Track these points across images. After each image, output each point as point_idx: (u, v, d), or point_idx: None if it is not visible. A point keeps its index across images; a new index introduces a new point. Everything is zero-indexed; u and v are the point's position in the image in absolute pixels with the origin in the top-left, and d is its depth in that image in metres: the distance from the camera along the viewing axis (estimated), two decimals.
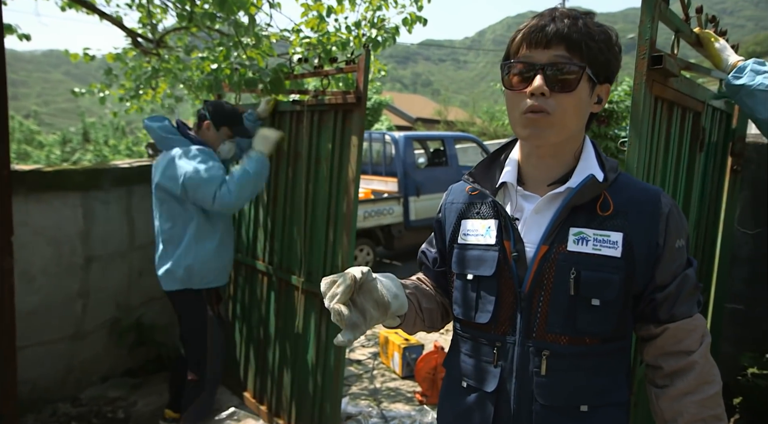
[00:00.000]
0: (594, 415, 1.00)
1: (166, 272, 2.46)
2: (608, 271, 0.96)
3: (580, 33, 0.93)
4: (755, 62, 1.56)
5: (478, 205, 1.09)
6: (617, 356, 1.03)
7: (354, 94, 2.29)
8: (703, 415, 0.97)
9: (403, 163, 7.31)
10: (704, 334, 1.02)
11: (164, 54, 3.65)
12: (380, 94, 15.59)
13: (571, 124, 0.97)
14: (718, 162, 2.28)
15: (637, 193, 1.01)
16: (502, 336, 1.03)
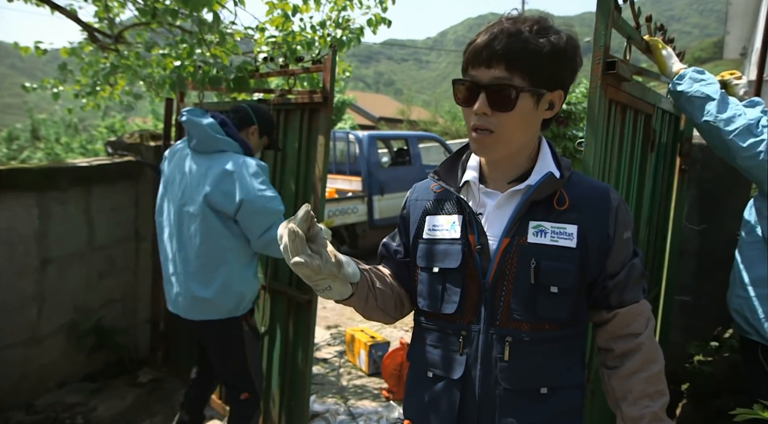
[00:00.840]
0: (553, 396, 1.07)
1: (203, 301, 2.03)
2: (565, 261, 1.03)
3: (519, 51, 0.96)
4: (694, 71, 1.67)
5: (443, 201, 1.14)
6: (573, 341, 1.11)
7: (321, 94, 2.30)
8: (649, 390, 1.06)
9: (367, 162, 7.34)
10: (649, 317, 1.12)
11: (123, 50, 3.56)
12: (343, 94, 15.57)
13: (516, 139, 1.04)
14: (667, 162, 2.40)
15: (589, 189, 1.09)
16: (467, 325, 1.08)
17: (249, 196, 1.94)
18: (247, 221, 1.99)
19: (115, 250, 3.29)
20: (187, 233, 2.04)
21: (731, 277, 1.89)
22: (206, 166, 2.02)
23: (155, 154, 3.37)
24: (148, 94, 4.17)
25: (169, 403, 3.10)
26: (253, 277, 2.15)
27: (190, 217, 2.02)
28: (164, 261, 2.17)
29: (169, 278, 2.13)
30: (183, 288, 2.06)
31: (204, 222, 1.99)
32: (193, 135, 2.06)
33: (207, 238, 2.00)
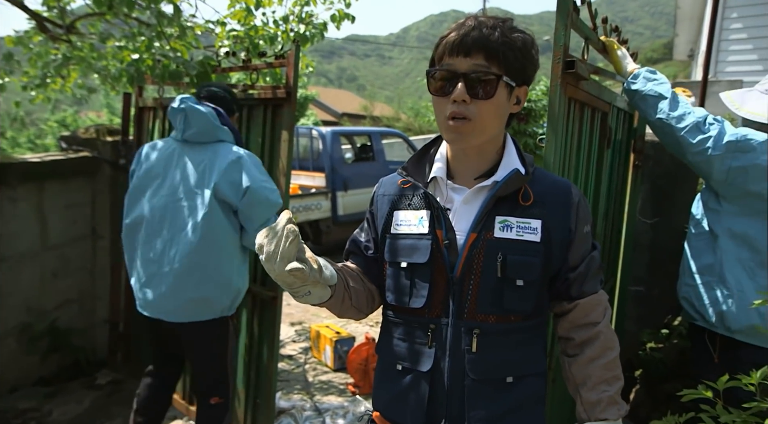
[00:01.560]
0: (518, 385, 1.11)
1: (199, 301, 1.93)
2: (530, 254, 1.07)
3: (498, 42, 1.00)
4: (647, 71, 1.76)
5: (410, 196, 1.16)
6: (536, 331, 1.15)
7: (284, 89, 2.29)
8: (607, 376, 1.12)
9: (331, 158, 7.32)
10: (606, 307, 1.17)
11: (76, 41, 3.43)
12: (306, 89, 15.43)
13: (491, 127, 1.06)
14: (622, 158, 2.50)
15: (552, 185, 1.13)
16: (435, 319, 1.10)
17: (254, 185, 1.90)
18: (249, 210, 1.93)
19: (70, 249, 3.18)
20: (179, 229, 1.91)
21: (680, 267, 2.00)
22: (208, 156, 1.94)
23: (113, 149, 3.27)
24: (103, 87, 4.03)
25: (129, 405, 2.99)
26: (247, 272, 2.11)
27: (189, 211, 1.91)
28: (141, 263, 2.00)
29: (150, 280, 1.97)
30: (172, 289, 1.92)
31: (209, 215, 1.89)
32: (194, 124, 1.95)
33: (210, 232, 1.90)
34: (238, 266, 2.02)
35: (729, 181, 1.72)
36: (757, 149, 1.66)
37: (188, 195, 1.92)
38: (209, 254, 1.91)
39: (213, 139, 1.98)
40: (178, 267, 1.90)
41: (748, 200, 1.73)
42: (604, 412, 1.10)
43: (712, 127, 1.69)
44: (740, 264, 1.76)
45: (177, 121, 1.99)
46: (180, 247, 1.90)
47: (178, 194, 1.93)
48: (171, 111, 1.98)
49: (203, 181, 1.90)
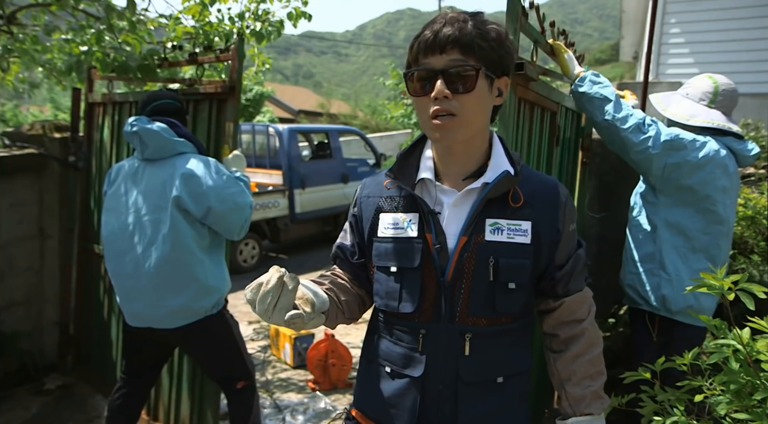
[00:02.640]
0: (507, 384, 1.12)
1: (180, 308, 1.95)
2: (521, 256, 1.06)
3: (471, 35, 0.99)
4: (593, 74, 1.88)
5: (397, 199, 1.13)
6: (523, 331, 1.15)
7: (228, 83, 2.26)
8: (591, 371, 1.14)
9: (288, 155, 7.27)
10: (591, 304, 1.18)
11: (18, 33, 3.29)
12: (262, 86, 15.21)
13: (477, 121, 1.04)
14: (571, 155, 2.62)
15: (540, 185, 1.12)
16: (426, 323, 1.08)
17: (219, 198, 1.91)
18: (222, 221, 1.96)
19: (16, 249, 3.05)
20: (148, 243, 1.95)
21: (623, 256, 2.15)
22: (168, 171, 1.95)
23: (61, 146, 3.15)
24: (49, 82, 3.88)
25: (81, 409, 2.94)
26: (225, 270, 2.11)
27: (153, 225, 1.94)
28: (119, 279, 2.04)
29: (129, 293, 2.01)
30: (153, 301, 1.96)
31: (174, 227, 1.91)
32: (149, 143, 1.96)
33: (177, 243, 1.92)
34: (212, 268, 2.02)
35: (665, 176, 1.88)
36: (687, 147, 1.83)
37: (154, 210, 1.95)
38: (180, 263, 1.94)
39: (172, 153, 1.99)
40: (154, 280, 1.94)
41: (681, 193, 1.91)
42: (589, 406, 1.11)
43: (651, 128, 1.84)
44: (676, 251, 1.93)
45: (134, 143, 2.01)
46: (152, 260, 1.94)
47: (144, 210, 1.97)
48: (126, 135, 2.01)
49: (165, 195, 1.93)
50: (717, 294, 1.21)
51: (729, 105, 1.98)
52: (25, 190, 3.08)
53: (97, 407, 2.93)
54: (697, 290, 1.24)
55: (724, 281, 1.21)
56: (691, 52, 7.30)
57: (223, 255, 2.13)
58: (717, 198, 1.89)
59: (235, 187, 1.98)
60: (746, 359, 1.21)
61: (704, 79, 2.02)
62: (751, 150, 1.96)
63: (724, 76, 2.03)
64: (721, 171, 1.88)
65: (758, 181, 2.82)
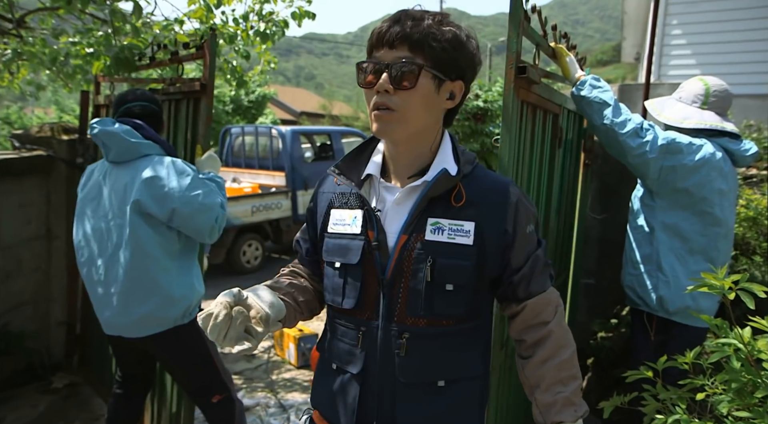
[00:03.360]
0: (450, 388, 1.08)
1: (145, 317, 1.90)
2: (461, 258, 1.04)
3: (422, 34, 0.98)
4: (593, 78, 1.91)
5: (346, 195, 1.13)
6: (471, 335, 1.11)
7: (200, 81, 2.21)
8: (561, 376, 1.08)
9: (291, 157, 7.30)
10: (557, 305, 1.14)
11: (27, 36, 3.33)
12: (265, 88, 15.25)
13: (416, 119, 1.02)
14: (573, 157, 2.64)
15: (488, 185, 1.09)
16: (366, 321, 1.08)
17: (183, 199, 1.85)
18: (188, 223, 1.89)
19: (23, 249, 3.09)
20: (115, 248, 1.90)
21: (623, 258, 2.18)
22: (131, 174, 1.89)
23: (69, 148, 3.19)
24: (56, 84, 3.92)
25: (87, 408, 2.97)
26: (195, 279, 2.03)
27: (118, 229, 1.89)
28: (91, 286, 2.00)
29: (100, 300, 1.97)
30: (120, 309, 1.91)
31: (134, 232, 1.86)
32: (111, 146, 1.91)
33: (138, 248, 1.86)
34: (178, 276, 1.95)
35: (661, 179, 1.92)
36: (684, 151, 1.87)
37: (118, 214, 1.90)
38: (143, 269, 1.88)
39: (136, 156, 1.92)
40: (121, 286, 1.90)
41: (677, 196, 1.94)
42: (559, 414, 1.06)
43: (648, 132, 1.87)
44: (673, 253, 1.96)
45: (100, 146, 1.96)
46: (118, 267, 1.90)
47: (110, 215, 1.92)
48: (91, 137, 1.97)
49: (127, 198, 1.88)
50: (718, 294, 1.24)
51: (722, 105, 2.01)
52: (34, 191, 3.12)
53: (103, 406, 2.96)
54: (698, 290, 1.26)
55: (724, 280, 1.23)
56: (693, 53, 7.32)
57: (194, 262, 2.06)
58: (714, 200, 1.92)
59: (202, 188, 1.90)
60: (747, 358, 1.24)
61: (695, 82, 2.05)
62: (748, 150, 1.99)
63: (716, 77, 2.06)
64: (717, 173, 1.91)
65: (760, 182, 2.84)
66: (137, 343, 1.99)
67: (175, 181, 1.86)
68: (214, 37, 2.20)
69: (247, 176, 7.62)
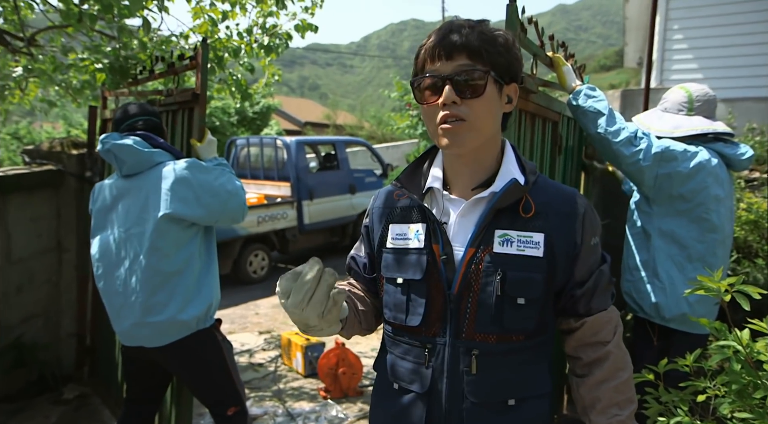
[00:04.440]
0: (520, 407, 1.04)
1: (170, 322, 1.90)
2: (532, 270, 1.00)
3: (479, 40, 0.97)
4: (588, 88, 1.94)
5: (406, 209, 1.11)
6: (540, 350, 1.07)
7: (192, 91, 2.25)
8: (618, 399, 1.04)
9: (296, 167, 7.36)
10: (617, 324, 1.09)
11: (37, 54, 3.40)
12: (269, 99, 15.39)
13: (486, 126, 1.00)
14: (574, 163, 2.67)
15: (555, 195, 1.06)
16: (432, 338, 1.05)
17: (211, 192, 1.90)
18: (226, 212, 1.95)
19: (35, 262, 3.14)
20: (134, 258, 1.91)
21: (621, 264, 2.19)
22: (150, 182, 1.92)
23: (78, 162, 3.25)
24: (65, 99, 3.99)
25: (98, 418, 3.00)
26: (214, 281, 2.05)
27: (138, 238, 1.90)
28: (109, 297, 2.01)
29: (120, 311, 1.97)
30: (142, 316, 1.91)
31: (160, 237, 1.87)
32: (125, 158, 1.93)
33: (160, 254, 1.88)
34: (202, 277, 1.99)
35: (657, 186, 1.94)
36: (678, 158, 1.89)
37: (138, 223, 1.92)
38: (166, 275, 1.90)
39: (151, 165, 1.95)
40: (142, 294, 1.90)
41: (673, 202, 1.96)
42: None
43: (642, 141, 1.90)
44: (671, 259, 1.97)
45: (111, 161, 1.99)
46: (139, 274, 1.91)
47: (129, 224, 1.94)
48: (101, 154, 2.00)
49: (149, 206, 1.89)
50: (714, 296, 1.26)
51: (708, 108, 2.04)
52: (44, 205, 3.18)
53: (112, 417, 3.00)
54: (695, 293, 1.28)
55: (721, 283, 1.25)
56: (695, 58, 7.34)
57: (214, 262, 2.08)
58: (710, 206, 1.94)
59: (222, 176, 1.97)
60: (747, 360, 1.26)
61: (677, 91, 2.09)
62: (744, 154, 2.01)
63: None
64: (713, 180, 1.93)
65: (761, 185, 2.85)
66: (156, 354, 1.98)
67: (198, 180, 1.90)
68: (206, 47, 2.22)
69: (253, 187, 7.68)
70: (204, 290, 1.99)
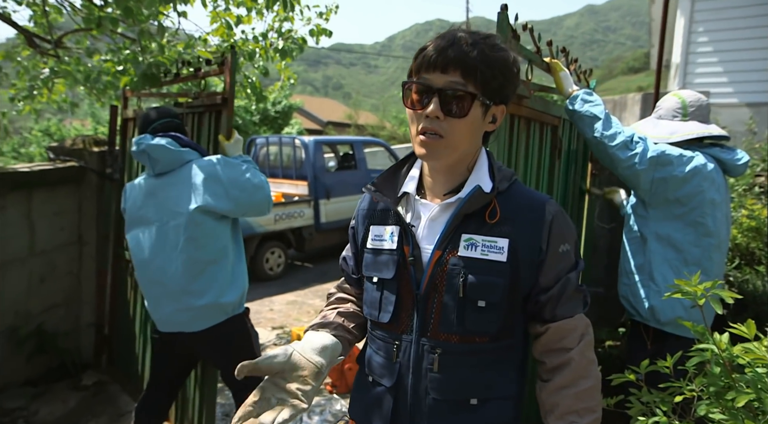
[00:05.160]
0: (482, 407, 1.07)
1: (209, 307, 2.04)
2: (494, 275, 1.03)
3: (476, 60, 0.97)
4: (585, 93, 1.97)
5: (385, 212, 1.15)
6: (505, 354, 1.10)
7: (221, 96, 2.40)
8: (577, 407, 1.04)
9: (313, 166, 7.46)
10: (584, 333, 1.09)
11: (64, 55, 3.57)
12: (289, 99, 15.58)
13: (463, 145, 1.03)
14: (579, 167, 2.69)
15: (524, 202, 1.08)
16: (400, 335, 1.10)
17: (239, 187, 2.05)
18: (253, 205, 2.10)
19: (57, 254, 3.30)
20: (173, 247, 2.04)
21: (619, 268, 2.21)
22: (182, 179, 2.05)
23: (99, 159, 3.40)
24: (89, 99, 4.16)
25: (113, 405, 3.14)
26: (245, 270, 2.20)
27: (177, 229, 2.03)
28: (148, 286, 2.14)
29: (159, 299, 2.10)
30: (181, 303, 2.04)
31: (196, 228, 2.01)
32: (159, 158, 2.06)
33: (198, 244, 2.02)
34: (237, 265, 2.14)
35: (653, 190, 1.96)
36: (674, 162, 1.91)
37: (173, 217, 2.04)
38: (205, 262, 2.04)
39: (181, 163, 2.08)
40: (182, 281, 2.04)
41: (669, 206, 1.98)
42: None
43: (638, 145, 1.92)
44: (667, 263, 1.98)
45: (144, 161, 2.11)
46: (178, 264, 2.04)
47: (165, 218, 2.07)
48: (134, 154, 2.12)
49: (182, 201, 2.02)
50: (690, 299, 1.30)
51: (702, 113, 2.07)
52: (67, 200, 3.33)
53: (129, 403, 3.12)
54: (673, 296, 1.32)
55: (696, 287, 1.29)
56: (720, 61, 7.22)
57: (243, 254, 2.23)
58: (706, 211, 1.95)
59: (248, 171, 2.10)
60: (724, 362, 1.29)
61: (671, 98, 2.12)
62: (740, 159, 2.02)
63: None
64: (709, 184, 1.94)
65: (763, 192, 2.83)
66: (191, 339, 2.11)
67: (226, 176, 2.04)
68: (234, 54, 2.35)
69: (271, 185, 7.77)
70: (238, 278, 2.13)
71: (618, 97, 8.54)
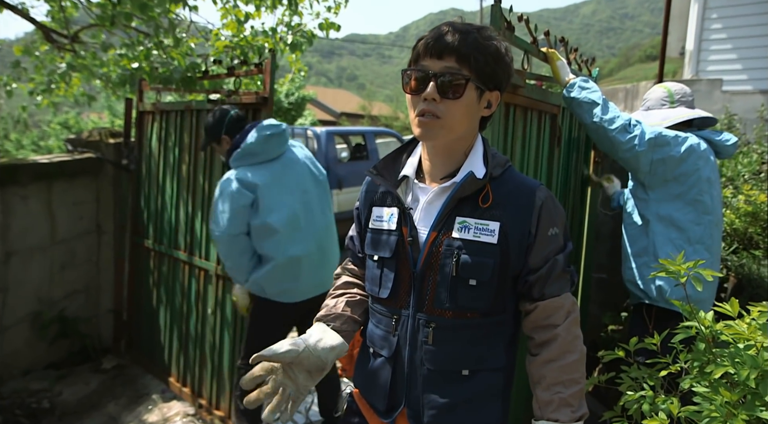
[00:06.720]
0: (473, 378, 1.16)
1: None
2: (484, 256, 1.11)
3: (470, 47, 1.05)
4: (582, 80, 2.01)
5: (386, 194, 1.23)
6: (495, 328, 1.18)
7: (261, 95, 2.56)
8: (562, 378, 1.12)
9: (325, 157, 7.53)
10: (570, 311, 1.17)
11: (80, 50, 3.68)
12: (301, 91, 15.65)
13: (459, 126, 1.10)
14: (581, 155, 2.73)
15: (516, 187, 1.15)
16: (399, 309, 1.18)
17: None
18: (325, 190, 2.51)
19: (77, 243, 3.44)
20: (320, 214, 2.40)
21: (622, 253, 2.25)
22: (293, 158, 2.38)
23: (115, 151, 3.52)
24: (105, 92, 4.28)
25: (132, 387, 3.28)
26: None
27: (316, 200, 2.40)
28: (308, 256, 2.32)
29: (317, 266, 2.37)
30: (332, 265, 2.41)
31: (322, 202, 2.43)
32: (283, 141, 2.35)
33: (327, 214, 2.46)
34: None
35: (652, 171, 2.02)
36: (671, 143, 1.97)
37: (307, 190, 2.38)
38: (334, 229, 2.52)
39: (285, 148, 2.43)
40: (329, 247, 2.44)
41: (668, 186, 2.04)
42: (555, 412, 1.10)
43: (636, 127, 1.97)
44: (671, 243, 2.04)
45: (273, 143, 2.33)
46: (324, 229, 2.44)
47: (305, 189, 2.38)
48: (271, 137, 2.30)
49: (308, 176, 2.43)
50: (674, 278, 1.36)
51: (688, 100, 2.17)
52: (85, 190, 3.46)
53: (147, 386, 3.26)
54: (658, 275, 1.38)
55: (680, 266, 1.35)
56: (734, 48, 7.12)
57: None
58: (703, 188, 2.01)
59: None
60: (707, 339, 1.35)
61: (657, 90, 2.21)
62: (728, 140, 2.11)
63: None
64: (704, 162, 2.01)
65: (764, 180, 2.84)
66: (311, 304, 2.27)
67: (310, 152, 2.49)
68: (273, 57, 2.54)
69: None
70: None
71: (630, 85, 8.46)
